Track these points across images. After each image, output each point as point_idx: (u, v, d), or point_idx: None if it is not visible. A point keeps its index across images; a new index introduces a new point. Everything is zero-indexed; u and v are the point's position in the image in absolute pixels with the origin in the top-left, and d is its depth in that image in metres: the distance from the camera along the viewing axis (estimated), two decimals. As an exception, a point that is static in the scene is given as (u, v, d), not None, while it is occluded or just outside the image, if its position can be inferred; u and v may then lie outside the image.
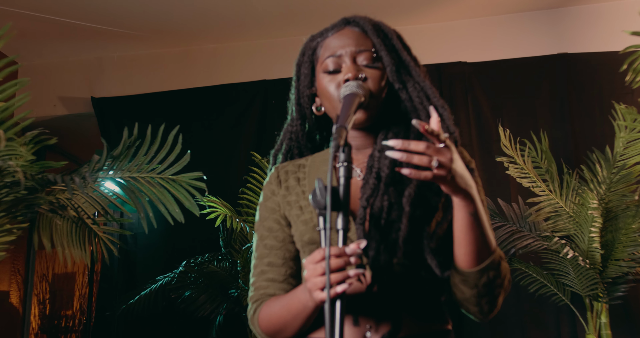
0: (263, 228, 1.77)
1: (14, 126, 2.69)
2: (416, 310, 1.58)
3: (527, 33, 5.03)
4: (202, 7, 4.81)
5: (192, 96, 5.29)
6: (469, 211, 1.47)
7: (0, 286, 5.09)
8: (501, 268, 1.54)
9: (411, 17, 5.06)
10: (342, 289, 1.36)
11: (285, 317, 1.59)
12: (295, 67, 1.85)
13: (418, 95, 1.71)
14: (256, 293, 1.72)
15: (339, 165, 1.48)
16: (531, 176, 3.79)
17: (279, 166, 1.84)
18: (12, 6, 4.66)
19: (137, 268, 4.96)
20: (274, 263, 1.72)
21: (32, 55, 5.47)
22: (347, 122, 1.49)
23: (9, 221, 2.71)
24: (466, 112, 4.87)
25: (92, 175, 2.66)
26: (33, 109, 5.30)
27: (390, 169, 1.61)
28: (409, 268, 1.58)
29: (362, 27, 1.76)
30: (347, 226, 1.44)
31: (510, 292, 4.27)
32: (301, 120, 1.85)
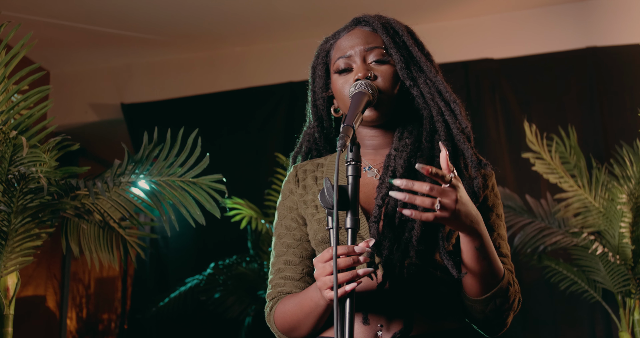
0: (281, 226, 1.79)
1: (38, 133, 2.74)
2: (428, 309, 1.58)
3: (554, 27, 4.96)
4: (228, 12, 4.85)
5: (220, 100, 5.34)
6: (474, 245, 1.49)
7: (37, 291, 5.20)
8: (509, 294, 1.56)
9: (437, 14, 5.04)
10: (351, 288, 1.37)
11: (299, 315, 1.61)
12: (310, 70, 1.87)
13: (429, 91, 1.71)
14: (273, 291, 1.74)
15: (347, 164, 1.49)
16: (559, 171, 3.75)
17: (297, 165, 1.86)
18: (43, 16, 4.76)
19: (168, 271, 5.02)
20: (291, 261, 1.74)
21: (63, 63, 5.57)
22: (355, 121, 1.49)
23: (36, 226, 2.76)
24: (493, 108, 4.83)
25: (115, 180, 2.70)
26: (65, 116, 5.45)
27: (404, 168, 1.62)
28: (422, 268, 1.58)
29: (372, 26, 1.76)
30: (356, 225, 1.45)
31: (542, 290, 4.24)
32: (318, 122, 1.87)
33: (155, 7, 4.73)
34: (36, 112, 2.78)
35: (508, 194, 4.07)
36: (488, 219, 1.67)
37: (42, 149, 2.69)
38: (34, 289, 5.16)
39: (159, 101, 5.43)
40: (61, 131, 5.39)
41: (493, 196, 1.71)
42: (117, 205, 2.97)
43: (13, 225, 2.64)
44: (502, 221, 1.71)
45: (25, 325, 5.10)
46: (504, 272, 1.55)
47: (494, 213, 1.69)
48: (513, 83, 4.88)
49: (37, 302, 5.23)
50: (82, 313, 6.01)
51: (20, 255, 2.75)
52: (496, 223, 1.68)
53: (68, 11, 4.74)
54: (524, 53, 4.92)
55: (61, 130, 5.48)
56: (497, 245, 1.66)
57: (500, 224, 1.70)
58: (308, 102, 1.90)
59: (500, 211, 1.72)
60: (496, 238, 1.66)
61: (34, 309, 5.22)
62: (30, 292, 5.11)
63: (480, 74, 4.92)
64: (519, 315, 4.41)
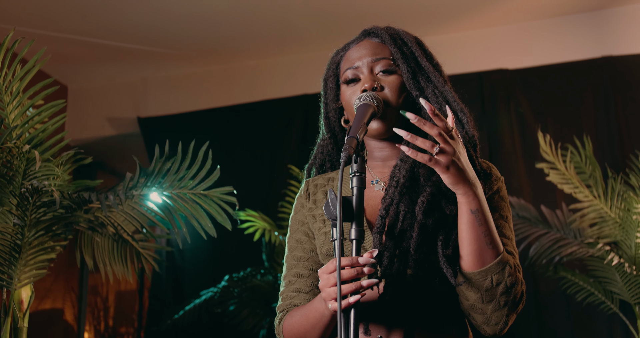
0: (293, 239, 1.81)
1: (52, 147, 2.77)
2: (429, 321, 1.57)
3: (569, 37, 4.95)
4: (242, 26, 4.89)
5: (235, 113, 5.37)
6: (470, 208, 1.47)
7: (55, 304, 5.24)
8: (505, 272, 1.50)
9: (451, 26, 5.04)
10: (355, 299, 1.38)
11: (305, 326, 1.62)
12: (322, 82, 1.89)
13: (437, 100, 1.71)
14: (283, 303, 1.75)
15: (351, 176, 1.50)
16: (573, 182, 3.72)
17: (309, 180, 1.87)
18: (61, 32, 4.83)
19: (185, 283, 5.04)
20: (301, 274, 1.76)
21: (80, 78, 5.64)
22: (359, 132, 1.50)
23: (50, 239, 2.79)
24: (509, 119, 4.81)
25: (127, 193, 2.72)
26: (82, 130, 5.51)
27: (405, 178, 1.62)
28: (423, 278, 1.57)
29: (381, 37, 1.77)
30: (361, 236, 1.45)
31: (559, 301, 4.19)
32: (331, 134, 1.88)
33: (170, 22, 4.78)
34: (50, 127, 2.81)
35: (523, 204, 4.05)
36: None
37: (55, 162, 2.72)
38: (52, 302, 5.20)
39: (174, 115, 5.47)
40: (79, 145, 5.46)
41: (498, 198, 1.69)
42: (130, 218, 2.99)
43: (27, 238, 2.67)
44: (507, 223, 1.68)
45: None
46: (502, 250, 1.52)
47: (497, 213, 1.66)
48: (528, 93, 4.86)
49: (55, 314, 5.27)
50: (99, 326, 6.04)
51: (34, 267, 2.78)
52: (499, 223, 1.65)
53: (85, 27, 4.81)
54: (539, 63, 4.90)
55: (79, 144, 5.57)
56: (502, 243, 1.62)
57: (504, 225, 1.66)
58: (321, 114, 1.91)
59: (506, 214, 1.69)
60: (501, 238, 1.64)
61: (51, 322, 5.26)
62: (49, 305, 5.15)
63: (495, 84, 4.91)
64: (537, 326, 4.37)
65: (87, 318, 5.77)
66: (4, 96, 2.69)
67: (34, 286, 4.76)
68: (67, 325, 5.40)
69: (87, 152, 5.70)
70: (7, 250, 2.65)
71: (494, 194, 1.68)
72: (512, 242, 1.67)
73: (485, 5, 4.78)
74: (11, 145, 2.45)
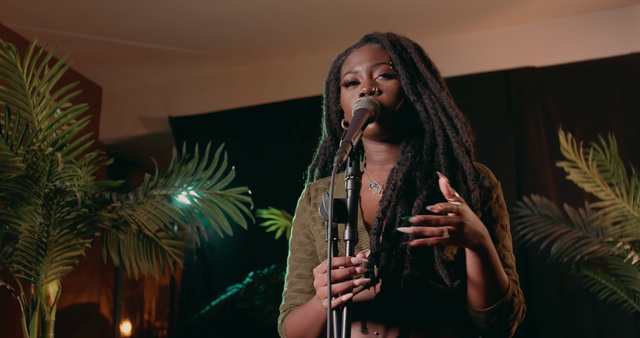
0: (295, 242, 1.87)
1: (76, 149, 2.88)
2: (424, 319, 1.61)
3: (596, 34, 4.91)
4: (270, 27, 4.98)
5: (264, 111, 5.45)
6: (480, 260, 1.53)
7: (91, 298, 5.40)
8: (513, 305, 1.59)
9: (477, 23, 5.04)
10: (347, 298, 1.43)
11: (304, 324, 1.67)
12: (324, 86, 1.94)
13: (433, 106, 1.75)
14: (285, 303, 1.82)
15: (346, 178, 1.55)
16: (595, 180, 3.70)
17: (311, 184, 1.93)
18: (96, 35, 4.97)
19: (214, 279, 5.14)
20: (303, 275, 1.82)
21: (114, 79, 5.79)
22: (353, 137, 1.55)
23: (75, 237, 2.91)
24: (535, 117, 4.80)
25: (147, 192, 2.82)
26: (116, 130, 5.66)
27: (403, 181, 1.67)
28: (418, 278, 1.62)
29: (381, 43, 1.82)
30: (354, 237, 1.51)
31: (585, 299, 4.17)
32: (332, 136, 1.94)
33: (200, 24, 4.89)
34: (76, 128, 2.93)
35: (546, 203, 4.05)
36: (492, 230, 1.70)
37: (78, 164, 2.83)
38: (88, 297, 5.36)
39: (205, 114, 5.57)
40: (113, 144, 5.63)
41: (498, 208, 1.74)
42: (153, 217, 3.10)
43: (52, 236, 2.79)
44: (506, 232, 1.74)
45: (79, 332, 5.31)
46: (508, 284, 1.58)
47: (499, 224, 1.72)
48: (555, 91, 4.84)
49: (91, 309, 5.43)
50: (135, 321, 6.20)
51: (60, 264, 2.89)
52: (500, 234, 1.71)
53: (119, 30, 4.95)
54: (566, 60, 4.87)
55: (113, 143, 5.73)
56: (502, 256, 1.69)
57: (504, 235, 1.72)
58: (323, 116, 1.97)
59: (505, 222, 1.75)
60: (500, 249, 1.70)
61: (87, 316, 5.42)
62: (85, 300, 5.32)
63: (521, 82, 4.90)
64: (562, 324, 4.36)
65: (123, 312, 5.92)
66: (29, 100, 2.81)
67: (70, 281, 4.94)
68: (103, 319, 5.56)
69: (120, 151, 5.90)
70: (34, 247, 2.77)
71: (494, 204, 1.73)
72: (511, 252, 1.73)
73: (511, 3, 4.78)
74: (36, 148, 2.57)
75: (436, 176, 1.68)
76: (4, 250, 2.88)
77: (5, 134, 2.68)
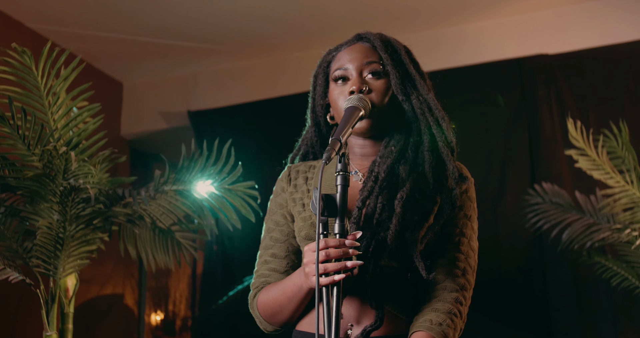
0: (271, 221, 1.94)
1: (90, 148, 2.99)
2: (400, 306, 1.69)
3: (610, 19, 4.87)
4: (285, 21, 5.05)
5: (281, 104, 5.51)
6: None
7: (115, 289, 5.54)
8: None
9: (490, 12, 5.04)
10: (340, 277, 1.51)
11: (281, 300, 1.74)
12: (312, 78, 2.03)
13: (420, 106, 1.82)
14: (257, 281, 1.87)
15: (336, 174, 1.63)
16: (604, 167, 3.71)
17: (291, 166, 2.00)
18: (117, 32, 5.09)
19: (234, 269, 5.24)
20: (277, 255, 1.88)
21: (134, 74, 5.90)
22: (343, 134, 1.63)
23: (91, 232, 3.02)
24: (548, 104, 4.79)
25: (158, 188, 2.93)
26: (137, 124, 5.77)
27: (386, 173, 1.74)
28: (396, 268, 1.70)
29: (372, 43, 1.89)
30: (344, 230, 1.59)
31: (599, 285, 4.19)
32: (315, 127, 2.02)
33: (217, 19, 4.98)
34: (91, 126, 3.03)
35: (556, 191, 4.07)
36: (455, 216, 1.77)
37: (92, 162, 2.94)
38: (113, 288, 5.51)
39: (223, 108, 5.66)
40: (134, 138, 5.75)
41: (465, 197, 1.81)
42: (166, 211, 3.20)
43: (68, 232, 2.91)
44: (469, 221, 1.80)
45: (105, 322, 5.46)
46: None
47: (462, 212, 1.80)
48: (568, 78, 4.83)
49: (116, 299, 5.58)
50: (160, 311, 6.34)
51: (77, 258, 3.02)
52: (461, 221, 1.79)
53: (137, 27, 5.05)
54: (580, 47, 4.86)
55: (134, 137, 5.85)
56: (457, 240, 1.76)
57: (466, 223, 1.79)
58: (308, 107, 2.05)
59: (470, 213, 1.81)
60: (457, 234, 1.77)
61: (113, 307, 5.57)
62: (109, 291, 5.46)
63: (534, 69, 4.89)
64: (577, 310, 4.39)
65: (148, 302, 6.06)
66: (45, 100, 2.92)
67: (95, 273, 5.08)
68: (127, 310, 5.70)
69: (141, 145, 6.02)
70: (52, 243, 2.89)
71: (462, 194, 1.80)
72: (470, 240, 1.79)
73: (523, -9, 4.79)
74: (51, 147, 2.68)
75: (420, 170, 1.75)
76: (24, 245, 3.01)
77: (22, 134, 2.79)
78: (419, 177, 1.74)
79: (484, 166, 4.80)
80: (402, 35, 5.86)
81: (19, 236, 3.03)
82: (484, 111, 4.95)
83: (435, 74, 5.43)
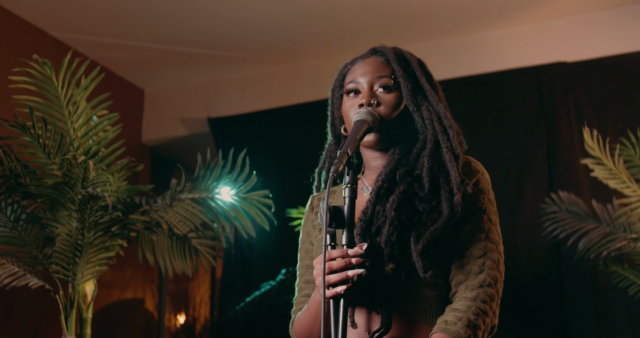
0: (302, 250, 1.99)
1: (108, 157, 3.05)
2: (406, 310, 1.69)
3: (628, 27, 4.85)
4: (303, 29, 5.10)
5: (300, 111, 5.55)
6: None
7: (136, 294, 5.61)
8: None
9: (508, 20, 5.05)
10: (341, 289, 1.54)
11: (309, 319, 1.77)
12: (330, 92, 2.07)
13: (430, 116, 1.85)
14: (295, 308, 1.92)
15: (344, 187, 1.67)
16: (621, 176, 3.71)
17: (314, 195, 2.05)
18: (139, 40, 5.18)
19: (252, 275, 5.29)
20: (310, 281, 1.92)
21: (156, 82, 5.98)
22: (350, 147, 1.66)
23: (109, 239, 3.09)
24: (567, 113, 4.78)
25: (175, 196, 2.98)
26: (158, 131, 5.84)
27: (384, 180, 1.77)
28: (398, 271, 1.72)
29: (386, 56, 1.92)
30: (351, 242, 1.62)
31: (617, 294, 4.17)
32: (335, 140, 2.06)
33: (236, 28, 5.04)
34: (110, 135, 3.10)
35: (573, 199, 4.07)
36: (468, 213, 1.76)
37: (111, 170, 3.01)
38: (133, 292, 5.58)
39: (242, 115, 5.71)
40: (155, 145, 5.82)
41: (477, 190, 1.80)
42: (183, 218, 3.26)
43: (87, 239, 2.97)
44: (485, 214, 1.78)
45: (126, 326, 5.54)
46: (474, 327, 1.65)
47: (475, 206, 1.78)
48: (586, 86, 4.81)
49: (136, 304, 5.65)
50: (180, 315, 6.41)
51: (95, 264, 3.08)
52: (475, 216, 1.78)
53: (158, 35, 5.13)
54: (598, 55, 4.85)
55: (155, 144, 5.93)
56: (473, 237, 1.75)
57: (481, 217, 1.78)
58: (328, 121, 2.09)
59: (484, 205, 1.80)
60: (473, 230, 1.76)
61: (133, 311, 5.64)
62: (130, 295, 5.53)
63: (553, 78, 4.89)
64: (595, 319, 4.37)
65: (168, 307, 6.13)
66: (65, 110, 2.99)
67: (116, 278, 5.15)
68: (147, 314, 5.77)
69: (162, 151, 6.09)
70: (71, 249, 2.95)
71: (473, 187, 1.79)
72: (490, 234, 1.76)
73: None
74: (70, 156, 2.74)
75: (416, 174, 1.77)
76: (44, 252, 3.08)
77: (43, 143, 2.86)
78: (414, 181, 1.76)
79: (502, 174, 4.80)
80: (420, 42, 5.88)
81: (39, 242, 3.10)
82: (502, 118, 4.96)
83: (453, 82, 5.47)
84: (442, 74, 5.31)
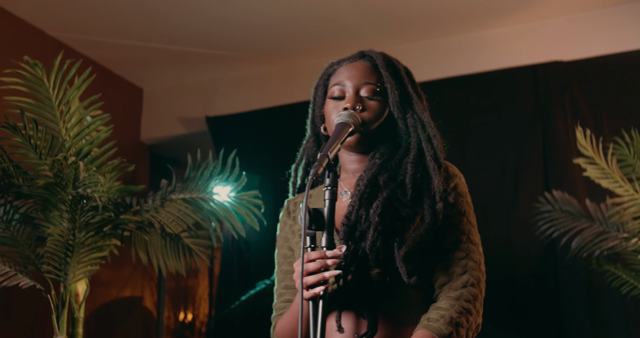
0: (280, 255, 2.00)
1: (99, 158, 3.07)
2: (391, 312, 1.71)
3: (625, 26, 4.84)
4: (300, 28, 5.12)
5: (298, 110, 5.55)
6: None
7: (134, 292, 5.64)
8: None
9: (505, 19, 5.04)
10: (320, 290, 1.56)
11: (291, 321, 1.79)
12: (313, 90, 2.09)
13: (414, 124, 1.87)
14: (276, 314, 1.93)
15: (324, 189, 1.68)
16: (613, 176, 3.70)
17: (290, 199, 2.06)
18: (135, 39, 5.20)
19: (249, 273, 5.31)
20: (289, 286, 1.93)
21: (154, 81, 6.01)
22: (331, 150, 1.67)
23: (101, 239, 3.11)
24: (563, 112, 4.78)
25: (166, 196, 3.00)
26: (157, 130, 5.87)
27: (366, 185, 1.78)
28: (382, 275, 1.73)
29: (374, 61, 1.93)
30: (331, 244, 1.64)
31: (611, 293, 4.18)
32: (314, 137, 2.07)
33: (234, 27, 5.06)
34: (103, 134, 3.12)
35: (566, 198, 4.07)
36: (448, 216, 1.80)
37: (102, 171, 3.03)
38: (132, 290, 5.61)
39: (240, 113, 5.73)
40: (153, 143, 5.85)
41: (455, 195, 1.83)
42: (176, 218, 3.27)
43: (78, 239, 2.99)
44: (464, 216, 1.83)
45: (125, 324, 5.57)
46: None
47: (455, 209, 1.82)
48: (583, 85, 4.81)
49: (135, 302, 5.68)
50: (179, 313, 6.43)
51: (87, 264, 3.10)
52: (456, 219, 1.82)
53: (158, 35, 5.16)
54: (594, 54, 4.84)
55: (154, 142, 5.95)
56: (454, 239, 1.79)
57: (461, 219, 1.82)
58: (308, 117, 2.10)
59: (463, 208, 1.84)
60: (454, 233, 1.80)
61: (132, 309, 5.67)
62: (128, 293, 5.56)
63: (549, 77, 4.88)
64: (589, 317, 4.37)
65: (167, 305, 6.16)
66: (56, 111, 3.01)
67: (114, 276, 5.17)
68: (146, 312, 5.80)
69: (161, 150, 6.12)
70: (62, 249, 2.98)
71: (452, 191, 1.82)
72: (471, 236, 1.80)
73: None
74: (60, 157, 2.76)
75: (399, 180, 1.78)
76: (36, 252, 3.10)
77: (34, 144, 2.88)
78: (397, 187, 1.77)
79: (498, 173, 4.80)
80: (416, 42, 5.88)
81: (31, 242, 3.13)
82: (498, 117, 4.96)
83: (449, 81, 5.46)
84: (438, 73, 5.34)
